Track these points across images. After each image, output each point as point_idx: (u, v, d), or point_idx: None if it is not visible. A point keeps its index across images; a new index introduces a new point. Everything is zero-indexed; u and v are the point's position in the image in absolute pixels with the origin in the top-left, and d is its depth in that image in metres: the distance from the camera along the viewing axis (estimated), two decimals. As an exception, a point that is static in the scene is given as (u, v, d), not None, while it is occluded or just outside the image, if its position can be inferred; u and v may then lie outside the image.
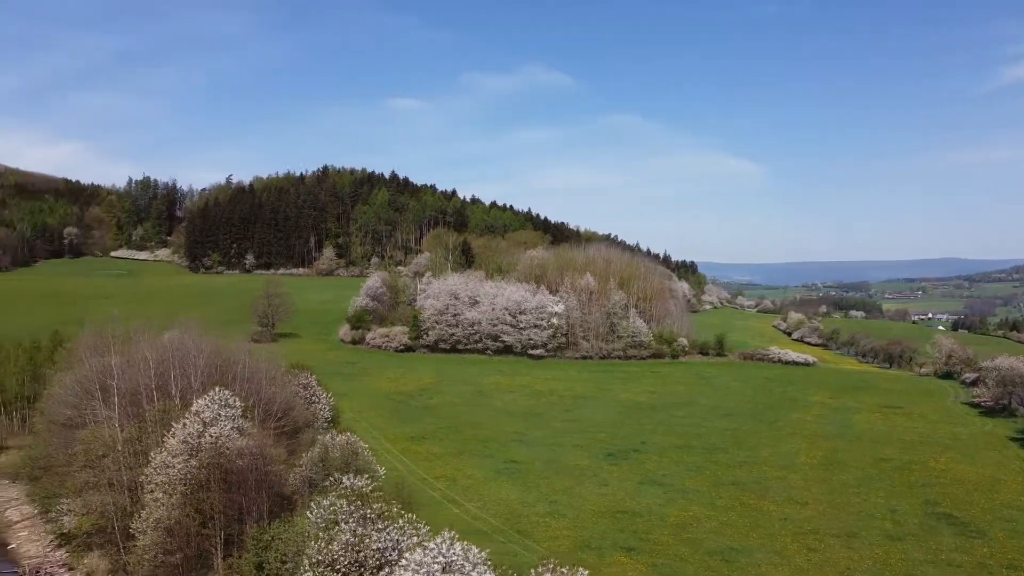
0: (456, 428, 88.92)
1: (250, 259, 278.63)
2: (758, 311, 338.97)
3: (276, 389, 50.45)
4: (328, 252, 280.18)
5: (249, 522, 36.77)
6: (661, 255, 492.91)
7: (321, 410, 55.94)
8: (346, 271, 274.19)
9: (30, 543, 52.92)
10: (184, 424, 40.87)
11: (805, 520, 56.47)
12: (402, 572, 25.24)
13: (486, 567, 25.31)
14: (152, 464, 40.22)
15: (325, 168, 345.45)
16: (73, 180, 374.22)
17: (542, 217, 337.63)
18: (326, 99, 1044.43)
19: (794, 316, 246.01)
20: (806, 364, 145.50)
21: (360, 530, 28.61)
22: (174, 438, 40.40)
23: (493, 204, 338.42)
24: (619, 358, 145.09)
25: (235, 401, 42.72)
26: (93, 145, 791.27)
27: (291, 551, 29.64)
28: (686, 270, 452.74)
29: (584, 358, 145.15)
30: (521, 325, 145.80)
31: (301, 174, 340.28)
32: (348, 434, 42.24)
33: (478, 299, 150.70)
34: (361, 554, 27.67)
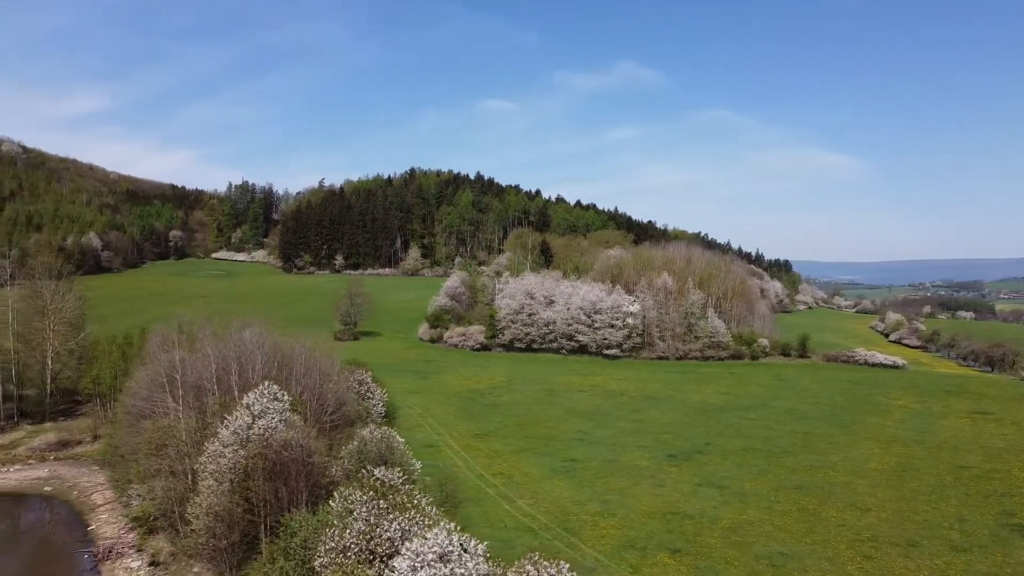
0: (521, 426, 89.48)
1: (339, 260, 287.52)
2: (856, 311, 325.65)
3: (330, 385, 52.26)
4: (414, 252, 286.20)
5: (292, 510, 38.38)
6: (753, 253, 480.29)
7: (374, 406, 57.53)
8: (431, 271, 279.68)
9: (108, 525, 56.74)
10: (236, 416, 43.07)
11: (865, 527, 54.33)
12: (400, 560, 26.12)
13: (483, 558, 25.71)
14: (205, 453, 42.58)
15: (412, 170, 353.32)
16: (179, 186, 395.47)
17: (627, 216, 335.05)
18: (419, 103, 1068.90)
19: (892, 317, 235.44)
20: (894, 367, 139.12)
21: (372, 519, 29.64)
22: (226, 429, 42.61)
23: (578, 203, 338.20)
24: (696, 359, 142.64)
25: (283, 395, 44.65)
26: (201, 152, 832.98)
27: (312, 538, 30.94)
28: (779, 269, 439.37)
29: (660, 358, 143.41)
30: (596, 325, 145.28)
31: (389, 177, 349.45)
32: (385, 429, 43.39)
33: (554, 299, 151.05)
34: (372, 542, 28.67)
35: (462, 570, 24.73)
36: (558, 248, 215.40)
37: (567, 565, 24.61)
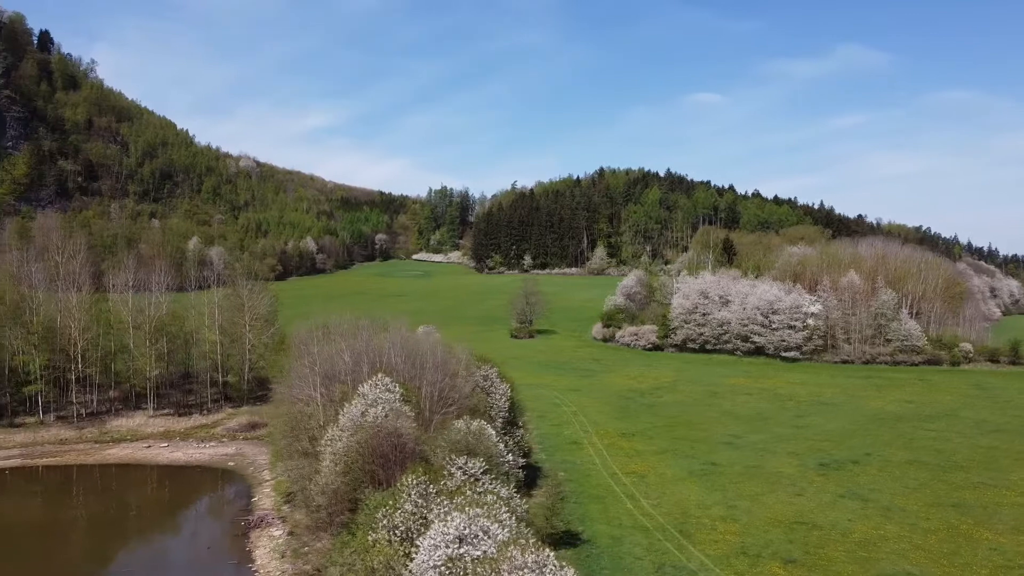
0: (671, 427, 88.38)
1: (528, 260, 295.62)
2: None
3: (448, 379, 55.40)
4: (599, 252, 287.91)
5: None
6: (985, 248, 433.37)
7: (496, 401, 60.01)
8: (616, 270, 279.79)
9: (266, 498, 64.02)
10: (353, 404, 47.27)
11: (1020, 554, 48.76)
12: (423, 539, 28.02)
13: (502, 542, 26.83)
14: (326, 436, 47.15)
15: (601, 170, 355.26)
16: (387, 192, 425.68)
17: (830, 210, 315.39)
18: (624, 101, 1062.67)
19: None
20: None
21: (420, 501, 31.82)
22: (344, 416, 46.91)
23: (774, 198, 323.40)
24: (885, 363, 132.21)
25: (395, 387, 48.28)
26: (416, 160, 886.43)
27: (372, 515, 33.70)
28: (1015, 266, 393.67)
29: (844, 362, 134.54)
30: (774, 326, 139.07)
31: (577, 177, 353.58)
32: (479, 422, 45.46)
33: (729, 298, 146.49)
34: (419, 522, 30.84)
35: (477, 551, 26.21)
36: (744, 246, 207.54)
37: (552, 553, 25.11)
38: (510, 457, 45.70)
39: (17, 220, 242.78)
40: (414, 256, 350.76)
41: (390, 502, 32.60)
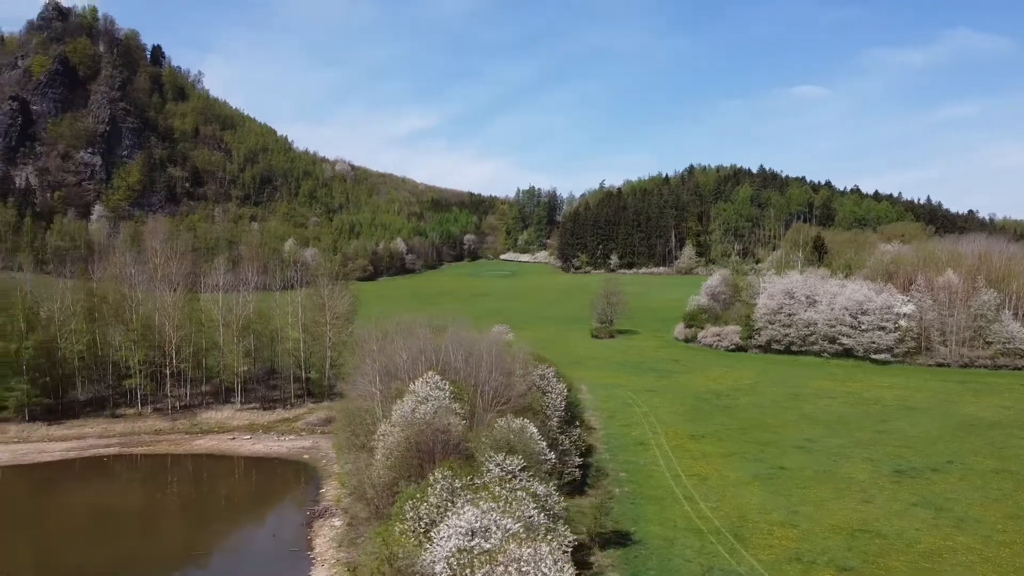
0: (744, 430, 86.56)
1: (614, 259, 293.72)
2: None
3: (505, 378, 56.32)
4: (687, 251, 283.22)
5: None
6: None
7: (552, 400, 60.42)
8: (705, 270, 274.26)
9: (332, 490, 66.66)
10: (405, 401, 48.82)
11: (1102, 571, 45.74)
12: (437, 531, 28.88)
13: (518, 537, 27.29)
14: (378, 432, 48.87)
15: (691, 167, 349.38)
16: (476, 193, 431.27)
17: (935, 206, 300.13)
18: (720, 96, 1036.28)
19: None
20: None
21: (444, 495, 32.76)
22: (395, 412, 48.50)
23: (874, 193, 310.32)
24: (985, 367, 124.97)
25: (445, 384, 49.58)
26: (506, 161, 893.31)
27: (403, 507, 34.89)
28: None
29: (940, 365, 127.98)
30: (863, 327, 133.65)
31: (666, 175, 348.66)
32: (522, 420, 45.99)
33: (816, 298, 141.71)
34: (442, 514, 31.74)
35: (487, 544, 26.84)
36: (836, 244, 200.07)
37: (548, 549, 25.28)
38: (552, 455, 46.14)
39: (130, 224, 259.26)
40: (501, 256, 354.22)
41: (418, 495, 33.78)
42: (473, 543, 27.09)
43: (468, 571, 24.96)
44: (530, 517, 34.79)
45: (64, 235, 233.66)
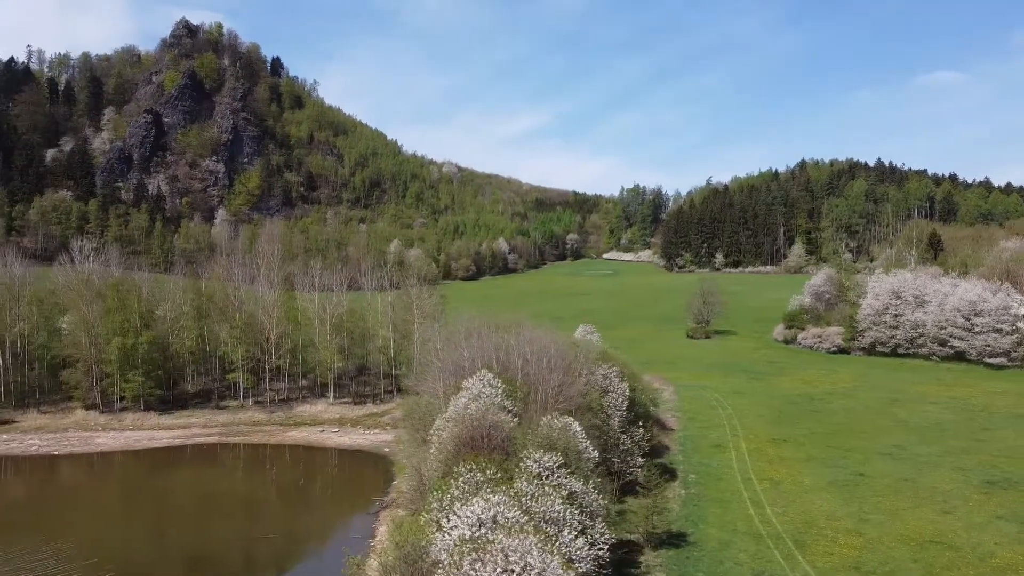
0: (830, 435, 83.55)
1: (719, 258, 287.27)
2: None
3: (565, 377, 57.01)
4: (797, 249, 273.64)
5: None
6: None
7: (614, 399, 60.45)
8: (815, 268, 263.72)
9: (404, 482, 69.15)
10: (459, 398, 50.41)
11: None
12: (448, 521, 30.01)
13: (527, 532, 28.02)
14: (433, 427, 50.65)
15: (802, 162, 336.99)
16: (580, 192, 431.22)
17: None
18: (841, 87, 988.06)
19: None
20: None
21: (466, 487, 33.85)
22: (450, 409, 50.14)
23: (1006, 186, 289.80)
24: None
25: (497, 382, 50.81)
26: (617, 159, 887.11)
27: (429, 498, 36.31)
28: None
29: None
30: (976, 329, 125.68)
31: (776, 171, 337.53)
32: (567, 419, 46.50)
33: (926, 299, 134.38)
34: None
35: (495, 536, 27.67)
36: (954, 241, 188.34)
37: (534, 540, 25.62)
38: (595, 453, 46.49)
39: (248, 227, 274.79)
40: (604, 255, 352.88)
41: (444, 487, 35.15)
42: (480, 533, 28.20)
43: (457, 558, 26.09)
44: (556, 512, 35.59)
45: (189, 238, 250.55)
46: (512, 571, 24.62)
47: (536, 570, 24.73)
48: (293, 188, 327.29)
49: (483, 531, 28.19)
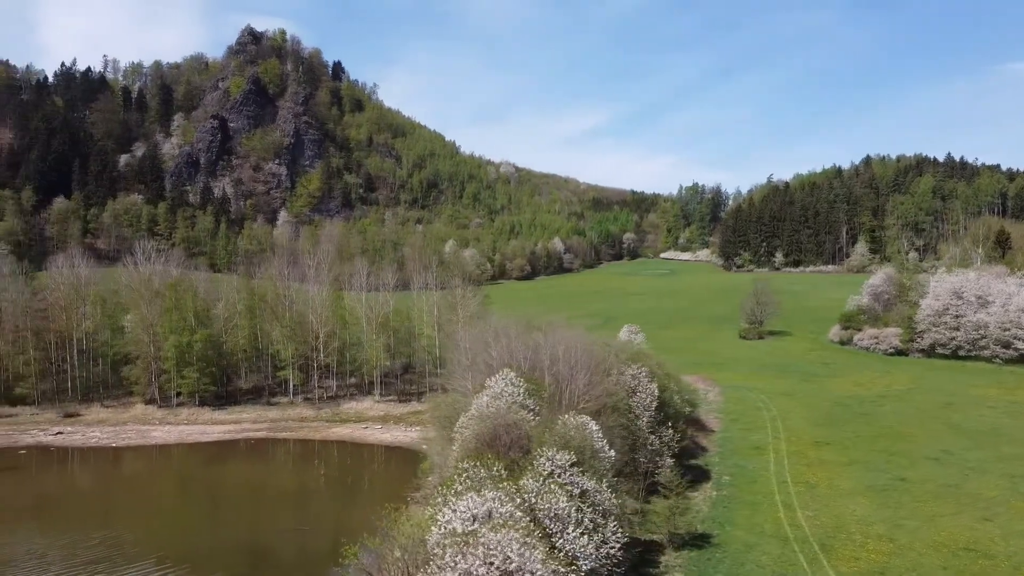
0: (876, 438, 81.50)
1: (779, 257, 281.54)
2: None
3: (590, 377, 57.24)
4: (860, 248, 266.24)
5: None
6: None
7: (642, 400, 60.24)
8: (879, 267, 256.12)
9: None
10: (482, 396, 51.18)
11: None
12: (440, 514, 30.70)
13: (510, 528, 28.48)
14: (457, 425, 51.49)
15: (867, 158, 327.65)
16: (638, 191, 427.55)
17: None
18: (912, 79, 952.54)
19: None
20: None
21: (468, 483, 34.48)
22: (473, 406, 50.93)
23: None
24: None
25: (519, 381, 51.39)
26: (678, 158, 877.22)
27: (434, 494, 37.09)
28: None
29: None
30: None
31: (839, 167, 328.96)
32: (583, 418, 46.66)
33: (989, 299, 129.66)
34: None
35: (480, 530, 28.28)
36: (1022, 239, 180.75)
37: (516, 535, 25.94)
38: (612, 453, 46.58)
39: (309, 228, 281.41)
40: (662, 255, 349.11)
41: (449, 483, 35.92)
42: (473, 528, 28.87)
43: (440, 551, 26.81)
44: (561, 509, 36.04)
45: (252, 239, 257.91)
46: (491, 563, 25.22)
47: (515, 563, 25.26)
48: (352, 190, 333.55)
49: (476, 525, 28.86)
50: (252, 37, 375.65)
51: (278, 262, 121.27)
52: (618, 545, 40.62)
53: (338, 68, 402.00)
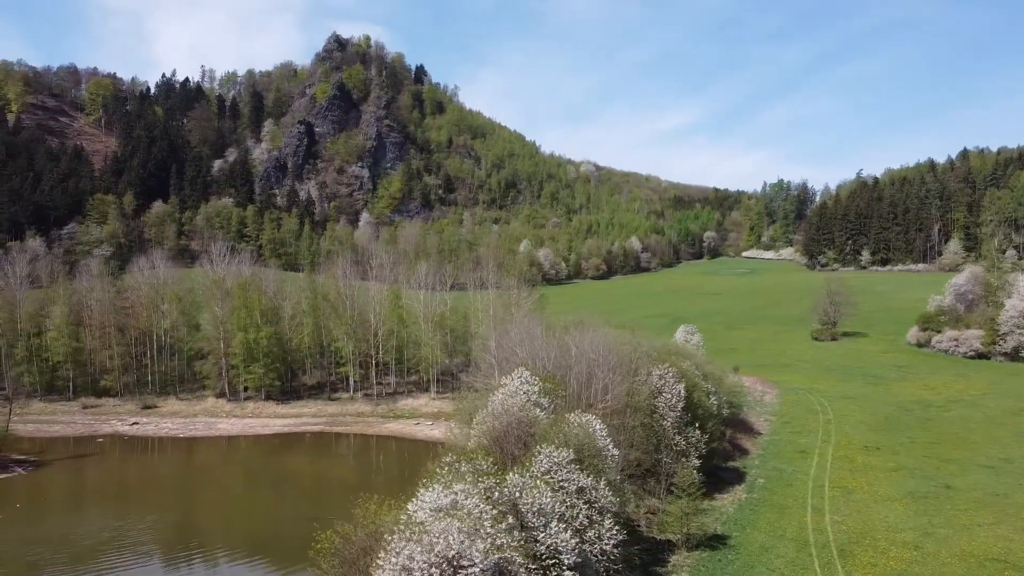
0: (933, 444, 78.41)
1: (865, 255, 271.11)
2: None
3: (609, 376, 57.50)
4: (953, 246, 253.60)
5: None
6: None
7: (667, 400, 59.80)
8: (974, 266, 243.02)
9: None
10: (498, 394, 52.31)
11: None
12: (409, 504, 31.88)
13: (488, 515, 29.50)
14: (474, 421, 52.77)
15: (964, 151, 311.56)
16: (721, 189, 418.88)
17: None
18: (1019, 68, 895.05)
19: None
20: None
21: (448, 479, 35.52)
22: (489, 404, 52.12)
23: None
24: None
25: (534, 379, 52.16)
26: (771, 154, 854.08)
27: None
28: None
29: None
30: None
31: (933, 161, 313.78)
32: (588, 417, 46.92)
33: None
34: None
35: (438, 522, 29.30)
36: None
37: (458, 525, 26.65)
38: (615, 451, 46.78)
39: (389, 228, 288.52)
40: (744, 254, 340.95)
41: (431, 476, 37.12)
42: (436, 516, 30.06)
43: (389, 537, 28.08)
44: (545, 504, 36.86)
45: (334, 240, 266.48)
46: (432, 549, 26.38)
47: (454, 550, 26.35)
48: (432, 191, 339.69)
49: (441, 515, 30.04)
50: (338, 44, 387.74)
51: (341, 261, 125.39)
52: (612, 542, 41.05)
53: (420, 71, 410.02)
